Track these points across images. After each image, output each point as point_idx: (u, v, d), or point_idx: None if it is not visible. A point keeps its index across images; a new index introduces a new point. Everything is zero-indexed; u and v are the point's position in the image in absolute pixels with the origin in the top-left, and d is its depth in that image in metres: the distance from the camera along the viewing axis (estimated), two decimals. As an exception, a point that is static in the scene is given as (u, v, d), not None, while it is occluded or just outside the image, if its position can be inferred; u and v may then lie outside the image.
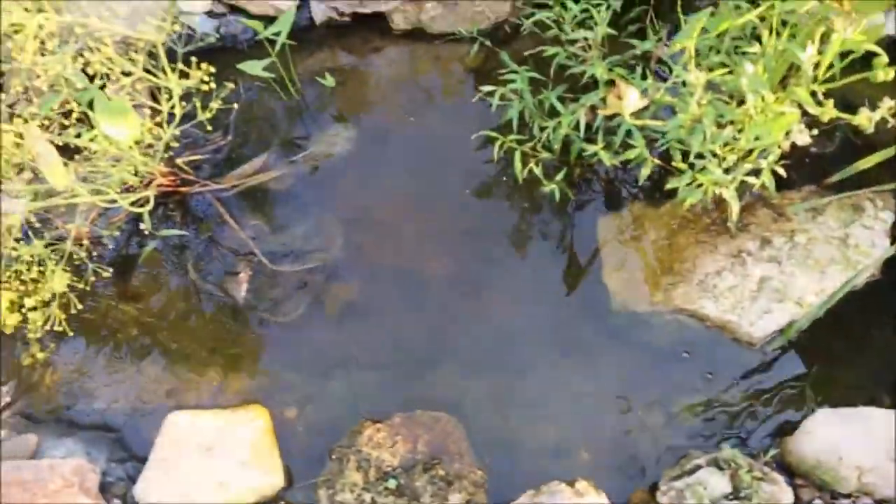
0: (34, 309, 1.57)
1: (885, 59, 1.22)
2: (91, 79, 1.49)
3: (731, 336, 1.41)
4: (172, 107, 1.50)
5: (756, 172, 1.41)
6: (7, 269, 1.58)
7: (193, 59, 1.46)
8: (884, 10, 1.25)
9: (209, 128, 1.55)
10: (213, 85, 1.47)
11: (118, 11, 1.58)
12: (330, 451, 1.37)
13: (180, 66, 1.47)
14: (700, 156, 1.42)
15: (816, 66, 1.29)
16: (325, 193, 1.71)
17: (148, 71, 1.47)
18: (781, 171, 1.39)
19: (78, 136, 1.54)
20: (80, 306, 1.51)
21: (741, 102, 1.35)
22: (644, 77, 1.49)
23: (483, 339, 1.51)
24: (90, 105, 1.63)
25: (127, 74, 1.47)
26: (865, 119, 1.26)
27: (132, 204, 1.50)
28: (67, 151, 1.51)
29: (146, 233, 1.52)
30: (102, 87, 1.59)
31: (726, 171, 1.40)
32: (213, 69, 1.46)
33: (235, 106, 1.62)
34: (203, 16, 1.88)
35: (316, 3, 1.91)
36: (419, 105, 1.82)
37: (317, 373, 1.50)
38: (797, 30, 1.28)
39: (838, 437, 1.22)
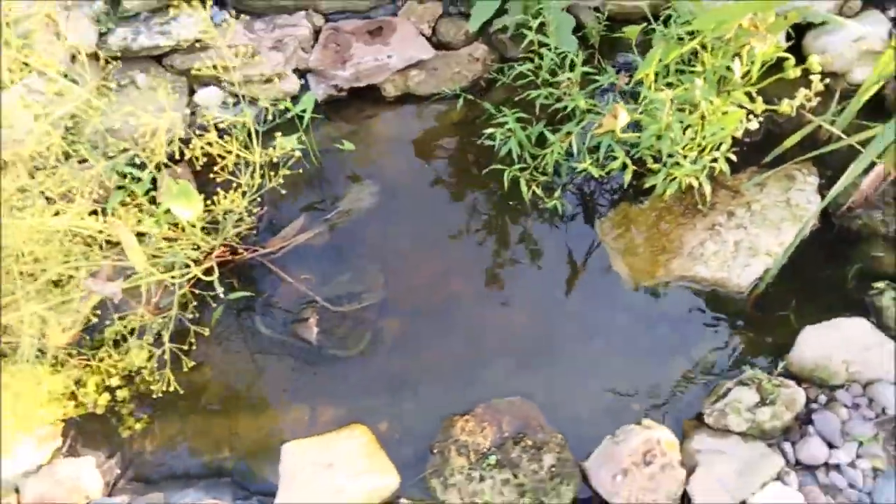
0: (120, 388, 1.73)
1: (793, 61, 1.65)
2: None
3: (723, 289, 1.77)
4: (239, 186, 1.75)
5: (714, 161, 1.80)
6: (91, 350, 1.73)
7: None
8: (786, 28, 1.69)
9: (246, 201, 1.80)
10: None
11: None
12: (430, 447, 1.60)
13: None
14: (669, 156, 1.81)
15: (744, 74, 1.71)
16: (360, 242, 1.97)
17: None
18: (733, 157, 1.79)
19: (139, 222, 1.74)
20: (164, 375, 1.67)
21: (694, 110, 1.75)
22: (615, 101, 1.88)
23: (525, 336, 1.80)
24: (146, 193, 1.85)
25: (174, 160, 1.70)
26: (787, 107, 1.67)
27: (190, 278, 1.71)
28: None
29: (218, 296, 1.72)
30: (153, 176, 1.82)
31: (693, 163, 1.79)
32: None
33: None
34: (218, 106, 2.13)
35: (315, 84, 2.21)
36: (425, 155, 2.13)
37: (391, 391, 1.72)
38: (726, 49, 1.70)
39: (825, 343, 1.58)
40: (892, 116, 1.67)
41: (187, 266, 1.74)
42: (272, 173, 1.81)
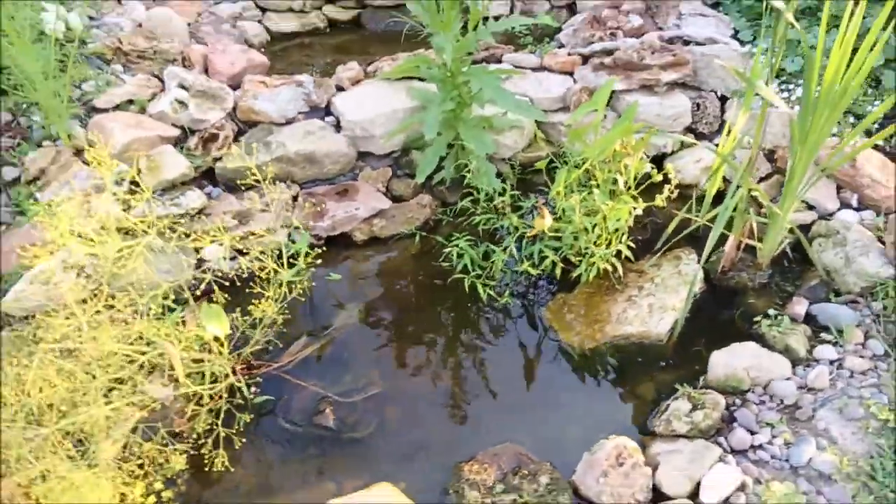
0: (164, 490, 1.94)
1: (656, 170, 2.34)
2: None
3: (648, 339, 2.28)
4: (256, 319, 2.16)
5: (619, 250, 2.40)
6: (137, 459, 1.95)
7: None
8: (645, 149, 2.41)
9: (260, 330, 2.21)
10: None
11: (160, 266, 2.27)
12: (444, 489, 1.90)
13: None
14: (586, 248, 2.40)
15: (626, 183, 2.39)
16: (356, 350, 2.36)
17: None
18: (633, 245, 2.40)
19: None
20: (204, 474, 1.92)
21: (596, 213, 2.38)
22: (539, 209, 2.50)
23: (502, 399, 2.20)
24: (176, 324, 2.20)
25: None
26: (661, 201, 2.34)
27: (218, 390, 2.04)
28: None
29: (243, 403, 2.04)
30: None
31: (605, 250, 2.38)
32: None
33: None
34: (221, 259, 2.57)
35: (297, 236, 2.71)
36: (396, 279, 2.63)
37: (404, 457, 2.04)
38: (611, 167, 2.39)
39: (729, 362, 2.08)
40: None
41: (215, 381, 2.07)
42: (280, 304, 2.21)
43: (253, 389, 2.18)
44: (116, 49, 2.82)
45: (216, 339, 2.10)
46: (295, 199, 2.81)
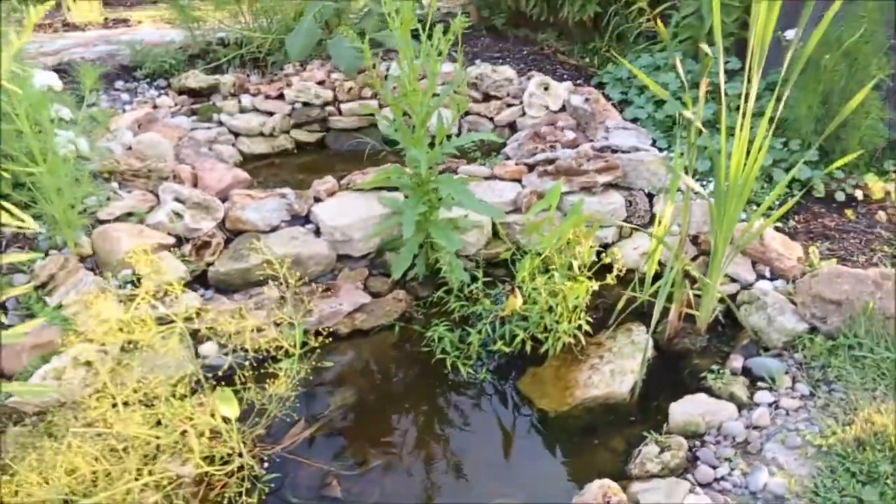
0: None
1: (605, 254, 2.75)
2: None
3: (613, 399, 2.58)
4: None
5: (579, 326, 2.75)
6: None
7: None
8: (594, 237, 2.83)
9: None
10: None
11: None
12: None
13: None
14: (551, 326, 2.73)
15: (580, 266, 2.78)
16: (353, 429, 2.55)
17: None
18: (591, 320, 2.76)
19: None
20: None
21: (557, 294, 2.74)
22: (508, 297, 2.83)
23: (491, 462, 2.41)
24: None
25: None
26: (611, 279, 2.73)
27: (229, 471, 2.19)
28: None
29: (254, 483, 2.18)
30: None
31: (567, 325, 2.72)
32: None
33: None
34: (216, 356, 2.74)
35: (288, 330, 2.93)
36: (382, 364, 2.86)
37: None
38: (566, 253, 2.78)
39: (686, 410, 2.40)
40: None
41: (225, 462, 2.21)
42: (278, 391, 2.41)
43: (265, 466, 2.32)
44: (113, 169, 3.09)
45: (226, 420, 2.27)
46: (283, 297, 3.04)
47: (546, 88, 4.30)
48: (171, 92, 4.42)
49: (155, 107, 4.19)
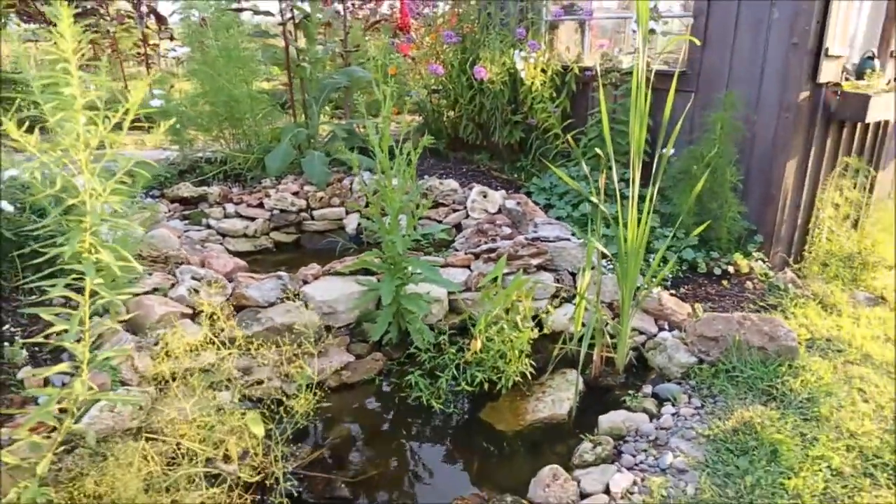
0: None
1: (541, 317, 3.56)
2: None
3: (556, 419, 3.28)
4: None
5: (526, 368, 3.49)
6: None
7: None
8: (531, 297, 3.65)
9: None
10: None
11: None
12: (442, 520, 2.65)
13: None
14: (502, 369, 3.46)
15: (524, 318, 3.56)
16: (350, 452, 3.12)
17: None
18: (534, 365, 3.50)
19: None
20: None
21: (507, 342, 3.49)
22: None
23: (460, 468, 3.03)
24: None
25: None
26: (548, 328, 3.51)
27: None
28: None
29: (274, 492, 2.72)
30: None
31: (514, 367, 3.45)
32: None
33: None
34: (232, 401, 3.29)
35: (287, 384, 3.52)
36: (368, 407, 3.47)
37: (401, 517, 2.77)
38: (511, 313, 3.57)
39: (612, 419, 3.13)
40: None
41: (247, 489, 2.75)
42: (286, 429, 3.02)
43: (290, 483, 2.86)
44: (138, 256, 3.72)
45: (253, 436, 2.83)
46: (281, 358, 3.65)
47: (485, 196, 5.27)
48: (165, 200, 5.12)
49: (152, 213, 4.86)
